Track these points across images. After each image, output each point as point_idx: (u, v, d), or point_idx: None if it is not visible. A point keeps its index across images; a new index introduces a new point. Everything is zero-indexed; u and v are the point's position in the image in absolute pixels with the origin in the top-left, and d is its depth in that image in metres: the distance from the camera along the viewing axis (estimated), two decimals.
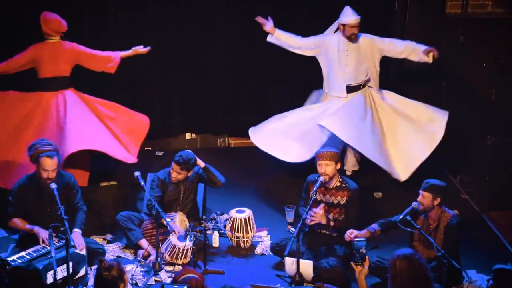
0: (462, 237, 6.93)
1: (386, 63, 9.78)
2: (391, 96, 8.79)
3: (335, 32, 8.65)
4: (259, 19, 8.53)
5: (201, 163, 7.71)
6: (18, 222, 7.21)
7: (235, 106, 10.01)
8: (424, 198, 6.72)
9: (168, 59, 9.78)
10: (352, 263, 5.73)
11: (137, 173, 7.37)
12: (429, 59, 8.48)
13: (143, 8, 9.58)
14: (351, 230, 6.92)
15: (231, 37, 9.73)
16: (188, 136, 10.23)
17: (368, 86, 8.71)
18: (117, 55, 8.53)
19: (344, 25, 8.40)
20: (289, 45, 8.61)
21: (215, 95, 10.01)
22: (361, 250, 5.77)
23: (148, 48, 8.60)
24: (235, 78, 9.94)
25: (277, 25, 8.69)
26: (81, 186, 7.59)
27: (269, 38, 8.62)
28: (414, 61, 8.60)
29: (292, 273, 6.99)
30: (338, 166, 7.32)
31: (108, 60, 8.51)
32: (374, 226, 7.01)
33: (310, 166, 8.30)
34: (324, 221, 7.18)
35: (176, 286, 5.23)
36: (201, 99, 9.99)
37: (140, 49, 8.59)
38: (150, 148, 10.11)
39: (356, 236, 6.82)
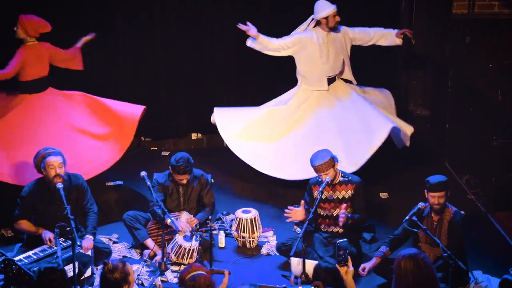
0: (468, 238, 6.93)
1: (392, 63, 9.80)
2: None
3: (305, 29, 8.73)
4: (241, 27, 8.58)
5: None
6: (24, 225, 7.25)
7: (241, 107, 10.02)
8: (441, 198, 6.68)
9: (175, 60, 9.78)
10: (337, 264, 5.71)
11: (143, 173, 7.38)
12: (399, 41, 8.70)
13: (149, 11, 9.59)
14: (363, 266, 6.89)
15: (238, 38, 9.72)
16: (194, 136, 10.24)
17: (341, 79, 8.86)
18: (77, 50, 8.61)
19: (326, 17, 8.51)
20: (268, 49, 8.69)
21: (221, 95, 10.01)
22: (348, 251, 5.73)
23: (93, 34, 8.68)
24: (241, 78, 9.95)
25: (280, 25, 8.72)
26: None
27: (250, 43, 8.67)
28: (383, 45, 8.81)
29: (298, 273, 6.99)
30: (337, 166, 7.33)
31: (74, 56, 8.59)
32: (382, 249, 6.97)
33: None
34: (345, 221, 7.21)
35: None
36: (207, 99, 10.00)
37: (86, 38, 8.67)
38: (156, 148, 10.13)
39: (369, 270, 6.87)
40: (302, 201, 7.33)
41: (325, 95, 8.78)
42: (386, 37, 8.73)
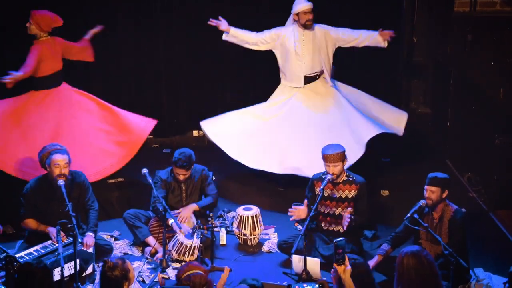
0: (470, 236, 6.93)
1: (395, 60, 9.81)
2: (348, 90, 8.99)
3: (286, 24, 8.75)
4: (212, 22, 8.61)
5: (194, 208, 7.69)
6: (30, 223, 7.24)
7: (243, 104, 9.99)
8: (433, 192, 6.70)
9: (177, 57, 9.79)
10: (334, 263, 5.70)
11: (144, 171, 7.39)
12: (383, 42, 8.62)
13: (151, 10, 9.60)
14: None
15: None
16: (195, 133, 10.25)
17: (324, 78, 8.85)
18: (86, 42, 8.54)
19: (298, 13, 8.52)
20: (245, 42, 8.70)
21: (222, 93, 10.02)
22: (346, 249, 5.72)
23: (101, 27, 8.59)
24: (243, 76, 9.95)
25: (280, 25, 8.75)
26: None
27: (224, 37, 8.68)
28: (365, 45, 8.73)
29: (299, 270, 7.00)
30: (345, 163, 7.33)
31: (85, 48, 8.53)
32: (384, 247, 6.98)
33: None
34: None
35: None
36: (209, 97, 10.01)
37: (94, 30, 8.60)
38: (158, 146, 10.14)
39: (372, 268, 6.83)
40: (306, 200, 7.32)
41: (310, 96, 8.75)
42: (370, 37, 8.61)
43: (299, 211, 7.28)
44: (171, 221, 7.21)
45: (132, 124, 8.55)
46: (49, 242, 7.03)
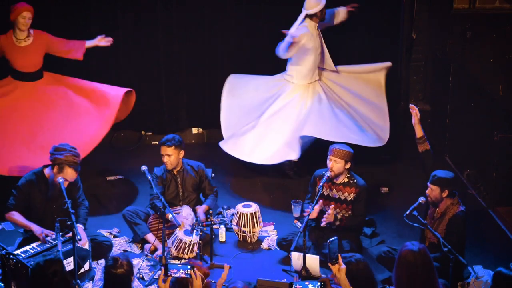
0: (469, 233, 6.93)
1: (394, 57, 9.79)
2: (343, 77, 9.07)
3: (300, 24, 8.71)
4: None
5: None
6: (16, 216, 7.16)
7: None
8: (432, 190, 6.73)
9: (176, 54, 9.78)
10: (329, 263, 5.68)
11: (144, 168, 7.39)
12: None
13: (152, 8, 9.59)
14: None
15: (238, 34, 9.74)
16: (195, 130, 10.24)
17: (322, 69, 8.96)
18: (83, 43, 8.46)
19: (321, 10, 8.58)
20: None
21: (222, 90, 9.99)
22: (337, 249, 5.71)
23: (111, 39, 8.58)
24: (242, 73, 9.93)
25: (281, 24, 8.76)
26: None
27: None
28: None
29: (299, 267, 6.99)
30: (348, 165, 7.31)
31: (76, 46, 8.45)
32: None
33: (316, 162, 8.33)
34: (332, 220, 7.20)
35: (180, 265, 5.25)
36: (208, 94, 9.99)
37: (102, 42, 8.54)
38: (157, 143, 10.10)
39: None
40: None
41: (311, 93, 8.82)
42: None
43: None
44: (170, 215, 7.21)
45: (105, 91, 8.57)
46: (48, 238, 6.99)
